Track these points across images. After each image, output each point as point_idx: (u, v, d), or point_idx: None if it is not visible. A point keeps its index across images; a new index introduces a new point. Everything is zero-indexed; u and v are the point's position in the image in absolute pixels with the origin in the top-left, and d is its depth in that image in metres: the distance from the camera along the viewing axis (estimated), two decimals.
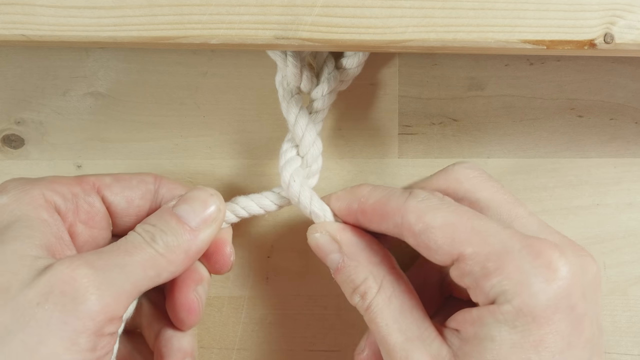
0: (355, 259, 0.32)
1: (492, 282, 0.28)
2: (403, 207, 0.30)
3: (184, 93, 0.37)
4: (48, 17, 0.29)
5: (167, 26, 0.29)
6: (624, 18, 0.29)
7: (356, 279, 0.31)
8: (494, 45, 0.29)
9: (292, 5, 0.29)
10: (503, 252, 0.28)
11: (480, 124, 0.37)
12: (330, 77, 0.34)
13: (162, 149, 0.38)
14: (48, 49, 0.37)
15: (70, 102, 0.37)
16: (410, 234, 0.30)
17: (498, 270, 0.28)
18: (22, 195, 0.30)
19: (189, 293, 0.34)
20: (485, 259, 0.28)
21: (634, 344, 0.38)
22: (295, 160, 0.34)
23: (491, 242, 0.29)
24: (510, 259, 0.28)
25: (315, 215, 0.33)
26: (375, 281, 0.31)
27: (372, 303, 0.31)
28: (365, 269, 0.31)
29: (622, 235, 0.38)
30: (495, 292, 0.28)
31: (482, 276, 0.28)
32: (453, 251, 0.29)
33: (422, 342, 0.29)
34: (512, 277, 0.28)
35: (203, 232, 0.31)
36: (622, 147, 0.38)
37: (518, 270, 0.28)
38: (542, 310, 0.27)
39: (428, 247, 0.30)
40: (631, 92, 0.37)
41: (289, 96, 0.34)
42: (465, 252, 0.29)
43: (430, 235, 0.29)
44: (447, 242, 0.29)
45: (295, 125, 0.34)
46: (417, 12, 0.29)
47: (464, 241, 0.29)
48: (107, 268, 0.28)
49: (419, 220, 0.30)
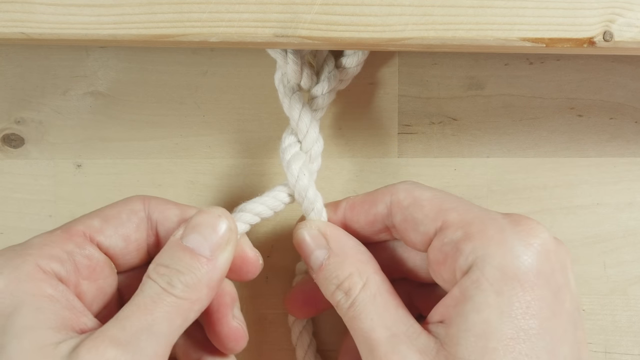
0: (342, 255, 0.31)
1: (474, 244, 0.28)
2: (393, 188, 0.32)
3: (183, 92, 0.37)
4: (48, 15, 0.29)
5: (166, 24, 0.29)
6: (623, 16, 0.29)
7: (341, 274, 0.30)
8: (493, 43, 0.29)
9: (291, 3, 0.29)
10: (485, 218, 0.29)
11: (479, 123, 0.37)
12: (330, 76, 0.34)
13: (162, 148, 0.38)
14: (48, 48, 0.37)
15: (70, 101, 0.37)
16: (398, 209, 0.31)
17: (480, 234, 0.28)
18: (16, 273, 0.28)
19: (230, 321, 0.32)
20: (467, 224, 0.29)
21: (634, 344, 0.38)
22: (301, 155, 0.34)
23: (474, 211, 0.30)
24: (492, 224, 0.29)
25: (316, 211, 0.33)
26: (360, 277, 0.30)
27: (356, 299, 0.30)
28: (351, 265, 0.31)
29: (622, 235, 0.38)
30: (477, 255, 0.28)
31: (463, 239, 0.29)
32: (438, 219, 0.30)
33: (408, 337, 0.28)
34: (495, 240, 0.28)
35: (221, 258, 0.29)
36: (622, 146, 0.38)
37: (500, 234, 0.28)
38: (525, 273, 0.27)
39: (414, 219, 0.30)
40: (631, 92, 0.37)
41: (290, 93, 0.34)
42: (449, 218, 0.29)
43: (418, 206, 0.30)
44: (434, 211, 0.30)
45: (300, 121, 0.33)
46: (417, 10, 0.29)
47: (449, 209, 0.30)
48: (133, 339, 0.27)
49: (408, 195, 0.31)
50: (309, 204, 0.33)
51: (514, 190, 0.38)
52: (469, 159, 0.38)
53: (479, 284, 0.27)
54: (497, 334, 0.27)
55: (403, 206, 0.31)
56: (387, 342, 0.28)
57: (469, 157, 0.38)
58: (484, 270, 0.28)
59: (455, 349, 0.27)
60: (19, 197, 0.38)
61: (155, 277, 0.28)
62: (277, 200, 0.33)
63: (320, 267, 0.31)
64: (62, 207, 0.38)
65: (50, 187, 0.38)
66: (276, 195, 0.33)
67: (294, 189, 0.33)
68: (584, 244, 0.38)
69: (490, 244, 0.28)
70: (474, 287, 0.28)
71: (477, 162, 0.38)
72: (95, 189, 0.38)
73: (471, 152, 0.38)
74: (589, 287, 0.38)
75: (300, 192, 0.33)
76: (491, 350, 0.27)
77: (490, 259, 0.28)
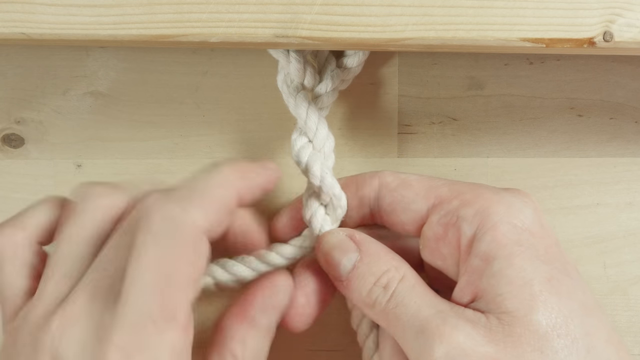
0: (375, 254, 0.31)
1: (474, 208, 0.29)
2: (380, 172, 0.32)
3: (183, 92, 0.37)
4: (48, 15, 0.29)
5: (166, 24, 0.29)
6: (623, 16, 0.29)
7: (377, 270, 0.30)
8: (493, 43, 0.29)
9: (291, 4, 0.29)
10: (476, 187, 0.30)
11: (479, 123, 0.37)
12: (333, 74, 0.34)
13: (162, 148, 0.38)
14: (48, 49, 0.37)
15: (70, 101, 0.37)
16: (387, 191, 0.32)
17: (477, 198, 0.29)
18: None
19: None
20: (461, 193, 0.30)
21: (634, 344, 0.38)
22: (317, 155, 0.33)
23: (464, 184, 0.31)
24: (485, 190, 0.30)
25: (342, 208, 0.33)
26: (397, 272, 0.30)
27: (397, 289, 0.30)
28: (387, 262, 0.31)
29: (622, 235, 0.38)
30: (481, 217, 0.29)
31: (462, 206, 0.29)
32: (429, 196, 0.30)
33: (455, 312, 0.28)
34: (494, 200, 0.29)
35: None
36: (622, 146, 0.38)
37: (496, 195, 0.29)
38: (532, 224, 0.29)
39: (404, 199, 0.31)
40: (631, 91, 0.37)
41: (295, 92, 0.34)
42: (442, 193, 0.30)
43: (407, 186, 0.31)
44: (424, 189, 0.31)
45: (308, 119, 0.33)
46: (417, 10, 0.29)
47: (439, 186, 0.31)
48: None
49: (395, 178, 0.32)
50: (337, 202, 0.33)
51: None
52: (469, 159, 0.38)
53: (498, 241, 0.28)
54: (537, 278, 0.28)
55: (391, 188, 0.31)
56: (436, 317, 0.28)
57: (469, 157, 0.38)
58: (496, 228, 0.28)
59: (504, 304, 0.27)
60: (19, 197, 0.38)
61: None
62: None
63: (352, 269, 0.31)
64: None
65: (50, 187, 0.38)
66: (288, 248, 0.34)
67: (319, 190, 0.33)
68: (584, 244, 0.38)
69: (491, 205, 0.29)
70: (494, 246, 0.28)
71: (477, 162, 0.38)
72: None
73: (471, 152, 0.38)
74: (589, 287, 0.38)
75: (328, 192, 0.32)
76: (538, 294, 0.27)
77: (497, 217, 0.28)
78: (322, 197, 0.33)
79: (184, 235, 0.27)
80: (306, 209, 0.33)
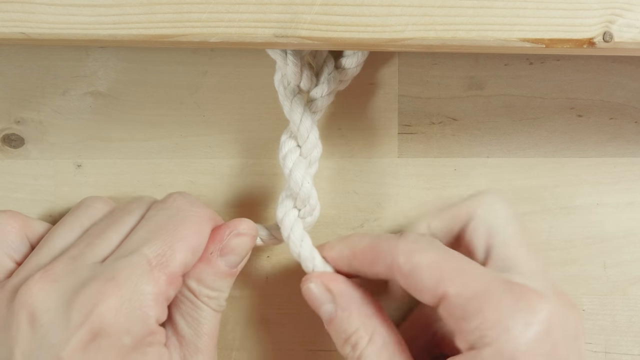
0: (348, 310, 0.32)
1: (472, 325, 0.28)
2: (394, 249, 0.31)
3: (183, 92, 0.37)
4: (48, 15, 0.29)
5: (166, 24, 0.29)
6: (623, 17, 0.29)
7: (348, 328, 0.32)
8: (493, 43, 0.29)
9: (291, 4, 0.29)
10: (484, 294, 0.29)
11: (479, 123, 0.37)
12: (330, 78, 0.34)
13: (162, 148, 0.38)
14: (48, 49, 0.37)
15: (70, 101, 0.37)
16: (400, 274, 0.31)
17: (478, 313, 0.28)
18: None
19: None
20: (466, 301, 0.29)
21: (634, 344, 0.38)
22: (302, 161, 0.34)
23: (474, 285, 0.29)
24: (490, 301, 0.29)
25: (314, 217, 0.34)
26: (366, 332, 0.31)
27: (362, 353, 0.31)
28: (357, 320, 0.32)
29: (622, 235, 0.38)
30: (475, 337, 0.28)
31: (462, 318, 0.29)
32: (438, 290, 0.30)
33: None
34: (492, 320, 0.28)
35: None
36: (622, 146, 0.38)
37: (498, 312, 0.28)
38: (522, 353, 0.27)
39: (416, 287, 0.30)
40: (631, 92, 0.37)
41: (291, 95, 0.34)
42: (449, 291, 0.29)
43: (417, 275, 0.30)
44: (433, 282, 0.30)
45: (301, 125, 0.33)
46: (416, 11, 0.29)
47: (448, 281, 0.30)
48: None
49: (407, 261, 0.31)
50: (310, 210, 0.34)
51: (514, 190, 0.38)
52: (469, 159, 0.38)
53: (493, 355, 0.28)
54: None
55: (404, 273, 0.31)
56: None
57: (469, 157, 0.38)
58: (482, 351, 0.28)
59: None
60: (19, 197, 0.38)
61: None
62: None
63: (329, 320, 0.32)
64: (62, 207, 0.38)
65: (50, 187, 0.38)
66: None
67: (296, 196, 0.34)
68: (584, 244, 0.38)
69: (489, 327, 0.28)
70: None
71: (477, 162, 0.38)
72: (95, 189, 0.38)
73: (471, 152, 0.38)
74: (589, 287, 0.38)
75: (304, 199, 0.33)
76: None
77: (489, 340, 0.28)
78: (298, 203, 0.34)
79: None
80: (280, 208, 0.34)
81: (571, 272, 0.38)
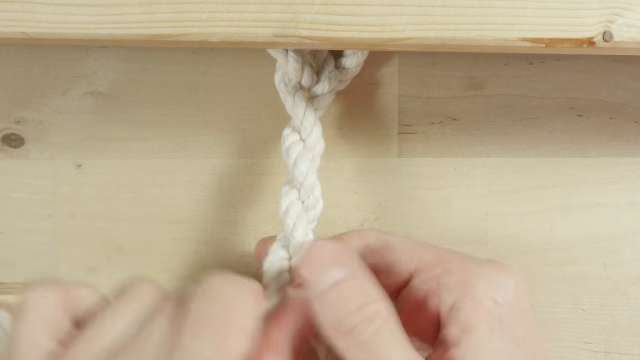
0: (366, 277, 0.28)
1: (457, 277, 0.28)
2: (362, 232, 0.31)
3: (183, 92, 0.37)
4: (48, 15, 0.29)
5: (166, 24, 0.29)
6: (623, 16, 0.29)
7: (367, 296, 0.27)
8: (493, 43, 0.29)
9: (291, 3, 0.29)
10: (461, 256, 0.29)
11: (479, 123, 0.37)
12: (331, 76, 0.34)
13: (162, 148, 0.38)
14: (48, 48, 0.37)
15: (70, 101, 0.37)
16: (368, 252, 0.31)
17: (461, 268, 0.28)
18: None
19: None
20: (445, 261, 0.29)
21: (634, 344, 0.38)
22: (306, 153, 0.33)
23: (448, 252, 0.30)
24: (469, 260, 0.29)
25: (318, 209, 0.33)
26: (385, 304, 0.27)
27: (382, 325, 0.27)
28: (377, 290, 0.28)
29: (622, 235, 0.38)
30: (463, 288, 0.28)
31: (445, 274, 0.29)
32: (412, 260, 0.29)
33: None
34: (477, 273, 0.28)
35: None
36: (622, 146, 0.38)
37: (481, 267, 0.29)
38: (513, 303, 0.28)
39: (387, 262, 0.30)
40: (631, 91, 0.37)
41: (293, 92, 0.34)
42: (425, 258, 0.29)
43: (389, 249, 0.30)
44: (407, 252, 0.30)
45: (304, 119, 0.33)
46: (416, 10, 0.29)
47: (423, 251, 0.30)
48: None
49: (378, 239, 0.31)
50: (314, 202, 0.33)
51: (514, 190, 0.38)
52: (469, 159, 0.38)
53: (478, 314, 0.27)
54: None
55: (373, 249, 0.30)
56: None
57: (469, 157, 0.38)
58: (478, 300, 0.27)
59: None
60: (19, 197, 0.38)
61: None
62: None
63: (332, 286, 0.27)
64: (62, 207, 0.38)
65: (50, 187, 0.38)
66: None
67: (300, 186, 0.33)
68: (584, 244, 0.38)
69: (475, 277, 0.28)
70: (474, 318, 0.27)
71: (477, 162, 0.38)
72: (95, 189, 0.38)
73: (471, 152, 0.38)
74: (589, 287, 0.38)
75: (308, 190, 0.33)
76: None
77: (480, 290, 0.28)
78: (302, 194, 0.33)
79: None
80: (284, 199, 0.33)
81: (571, 272, 0.38)
